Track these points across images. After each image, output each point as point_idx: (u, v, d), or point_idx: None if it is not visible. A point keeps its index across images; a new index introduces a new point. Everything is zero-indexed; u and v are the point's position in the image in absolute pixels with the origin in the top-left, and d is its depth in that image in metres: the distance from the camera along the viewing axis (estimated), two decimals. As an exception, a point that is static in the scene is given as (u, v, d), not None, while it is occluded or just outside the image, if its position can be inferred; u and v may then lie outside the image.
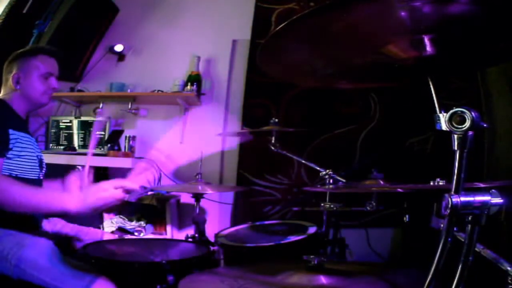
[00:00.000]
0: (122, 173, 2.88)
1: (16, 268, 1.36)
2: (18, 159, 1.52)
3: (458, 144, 0.71)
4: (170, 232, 2.69)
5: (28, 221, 1.57)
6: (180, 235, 2.73)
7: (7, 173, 1.47)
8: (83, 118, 2.95)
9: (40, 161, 1.68)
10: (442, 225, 0.71)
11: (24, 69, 1.61)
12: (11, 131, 1.50)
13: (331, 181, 1.79)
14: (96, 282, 1.31)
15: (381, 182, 1.48)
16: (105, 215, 2.71)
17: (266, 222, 2.03)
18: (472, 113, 0.69)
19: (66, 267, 1.35)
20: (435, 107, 0.78)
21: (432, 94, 0.82)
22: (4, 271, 1.36)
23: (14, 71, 1.61)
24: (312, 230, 1.70)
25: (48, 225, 1.73)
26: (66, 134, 2.92)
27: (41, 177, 1.68)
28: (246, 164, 2.85)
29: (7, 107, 1.59)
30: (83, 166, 1.68)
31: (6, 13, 2.50)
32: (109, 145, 2.76)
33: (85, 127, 2.92)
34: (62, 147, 2.88)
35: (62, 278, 1.32)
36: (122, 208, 2.74)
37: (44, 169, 1.72)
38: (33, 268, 1.35)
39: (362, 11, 0.76)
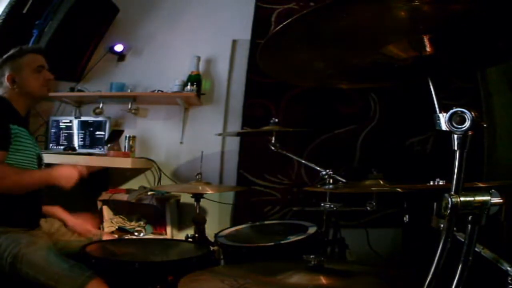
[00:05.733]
0: (121, 173, 2.90)
1: (11, 266, 1.37)
2: (17, 153, 1.55)
3: (458, 144, 0.71)
4: (170, 232, 2.69)
5: (26, 220, 1.57)
6: (180, 235, 2.73)
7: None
8: (83, 118, 2.95)
9: (39, 157, 1.69)
10: (442, 225, 0.71)
11: (16, 69, 1.65)
12: (11, 126, 1.54)
13: (331, 181, 1.79)
14: (91, 282, 1.31)
15: (381, 182, 1.48)
16: (105, 215, 2.71)
17: (266, 222, 2.02)
18: (472, 113, 0.69)
19: (62, 267, 1.35)
20: (435, 107, 0.78)
21: (432, 94, 0.82)
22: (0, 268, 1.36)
23: (7, 73, 1.64)
24: (312, 230, 1.70)
25: (46, 224, 1.73)
26: (66, 134, 2.92)
27: None
28: (246, 164, 2.85)
29: (7, 103, 1.62)
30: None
31: (6, 13, 2.50)
32: (109, 145, 2.76)
33: (85, 127, 2.92)
34: (62, 147, 2.88)
35: (57, 277, 1.33)
36: (122, 208, 2.74)
37: (43, 166, 1.73)
38: (29, 267, 1.36)
39: (362, 11, 0.76)
